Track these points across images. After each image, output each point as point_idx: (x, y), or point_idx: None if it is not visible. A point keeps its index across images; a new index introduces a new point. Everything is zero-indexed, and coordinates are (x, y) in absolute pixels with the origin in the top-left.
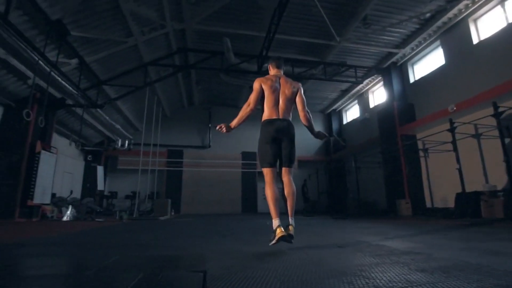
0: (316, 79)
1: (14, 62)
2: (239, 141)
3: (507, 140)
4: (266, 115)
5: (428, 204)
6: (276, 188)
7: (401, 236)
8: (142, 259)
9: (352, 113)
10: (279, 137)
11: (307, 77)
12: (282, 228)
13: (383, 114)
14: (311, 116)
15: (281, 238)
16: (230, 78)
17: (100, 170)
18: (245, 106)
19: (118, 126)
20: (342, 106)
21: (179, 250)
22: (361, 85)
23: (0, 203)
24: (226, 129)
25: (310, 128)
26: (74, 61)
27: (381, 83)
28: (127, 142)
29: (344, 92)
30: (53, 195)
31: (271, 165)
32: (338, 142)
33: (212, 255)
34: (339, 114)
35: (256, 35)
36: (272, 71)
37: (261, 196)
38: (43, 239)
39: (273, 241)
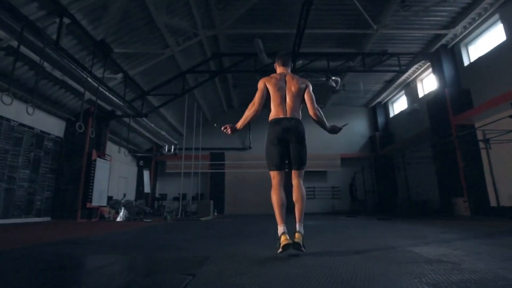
0: (355, 72)
1: (70, 81)
2: None
3: None
4: (272, 115)
5: (493, 203)
6: (282, 193)
7: (440, 241)
8: (145, 260)
9: (399, 105)
10: (286, 138)
11: (345, 70)
12: (287, 236)
13: (433, 104)
14: (321, 113)
15: (286, 246)
16: None
17: (146, 174)
18: (250, 106)
19: (163, 133)
20: (387, 98)
21: (190, 251)
22: (407, 74)
23: (66, 206)
24: (231, 130)
25: (321, 125)
26: (119, 76)
27: (430, 69)
28: (172, 147)
29: (389, 83)
30: (110, 198)
31: (278, 168)
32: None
33: (218, 258)
34: (384, 107)
35: (287, 33)
36: (278, 69)
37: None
38: (90, 237)
39: (279, 249)
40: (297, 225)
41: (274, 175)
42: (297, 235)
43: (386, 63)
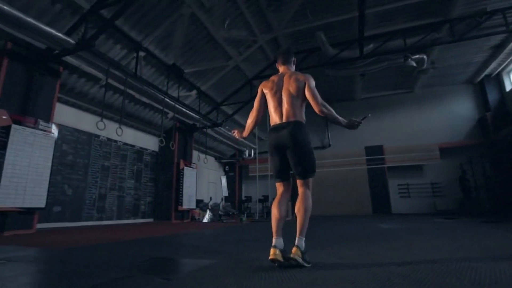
0: (443, 44)
1: (155, 104)
2: (361, 136)
3: None
4: (271, 121)
5: None
6: (281, 207)
7: None
8: (156, 260)
9: None
10: (282, 145)
11: (428, 45)
12: (276, 250)
13: None
14: (329, 108)
15: (271, 261)
16: (336, 71)
17: (223, 179)
18: (250, 114)
19: (241, 139)
20: (500, 68)
21: (210, 254)
22: None
23: (163, 209)
24: (239, 135)
25: (333, 121)
26: (194, 92)
27: None
28: (252, 151)
29: (497, 48)
30: (200, 201)
31: (279, 178)
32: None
33: (224, 261)
34: (497, 80)
35: (348, 18)
36: (280, 69)
37: (395, 194)
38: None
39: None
40: (296, 239)
41: (277, 186)
42: (294, 249)
43: (486, 25)
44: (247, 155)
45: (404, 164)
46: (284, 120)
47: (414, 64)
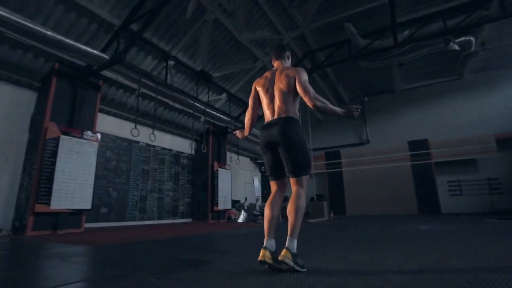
0: (493, 22)
1: (187, 109)
2: (403, 129)
3: None
4: (265, 119)
5: None
6: (273, 206)
7: None
8: (167, 260)
9: None
10: (273, 142)
11: (474, 24)
12: (266, 251)
13: None
14: (323, 100)
15: (260, 262)
16: (370, 62)
17: (256, 179)
18: (246, 112)
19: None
20: None
21: (216, 254)
22: None
23: (200, 209)
24: (240, 135)
25: (329, 113)
26: (224, 95)
27: None
28: None
29: None
30: (236, 201)
31: (271, 177)
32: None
33: (224, 262)
34: None
35: (377, 5)
36: (274, 65)
37: (444, 192)
38: (202, 234)
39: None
40: (287, 240)
41: (271, 185)
42: (283, 251)
43: None
44: None
45: (454, 159)
46: (275, 116)
47: (457, 48)
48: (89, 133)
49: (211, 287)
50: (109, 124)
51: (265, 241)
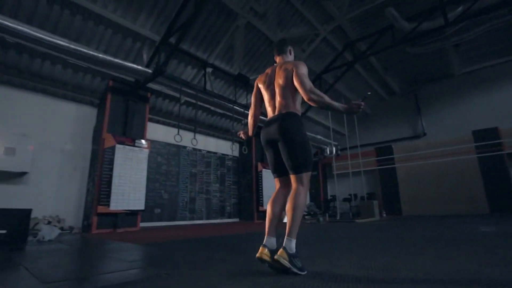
0: None
1: (229, 113)
2: (466, 118)
3: None
4: (267, 116)
5: None
6: (274, 204)
7: None
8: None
9: None
10: (273, 139)
11: None
12: (265, 249)
13: None
14: (320, 94)
15: (258, 259)
16: (420, 47)
17: None
18: (249, 110)
19: (319, 137)
20: None
21: (243, 255)
22: None
23: (246, 210)
24: (244, 136)
25: (328, 108)
26: None
27: None
28: (334, 148)
29: None
30: None
31: (274, 174)
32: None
33: (237, 265)
34: None
35: None
36: (276, 60)
37: None
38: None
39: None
40: (285, 240)
41: (275, 183)
42: (279, 251)
43: None
44: (328, 152)
45: None
46: (276, 113)
47: None
48: (140, 141)
49: (202, 286)
50: (159, 132)
51: (265, 238)
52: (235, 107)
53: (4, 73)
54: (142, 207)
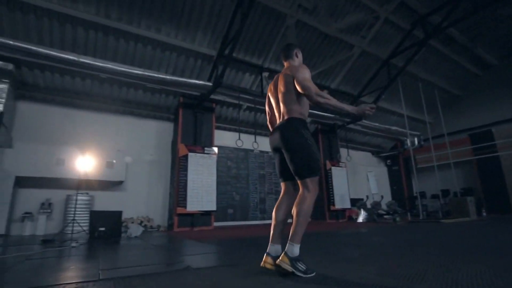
0: None
1: None
2: None
3: None
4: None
5: None
6: (278, 209)
7: None
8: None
9: None
10: (277, 146)
11: None
12: (268, 257)
13: None
14: (326, 96)
15: (262, 268)
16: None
17: (370, 176)
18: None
19: (395, 128)
20: None
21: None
22: None
23: (317, 209)
24: None
25: (336, 110)
26: (325, 92)
27: None
28: (415, 139)
29: None
30: (358, 200)
31: (280, 178)
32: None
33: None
34: None
35: None
36: (285, 65)
37: None
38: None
39: None
40: (287, 245)
41: (282, 187)
42: (281, 256)
43: None
44: (409, 144)
45: None
46: (280, 120)
47: None
48: (209, 148)
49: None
50: (226, 138)
51: (268, 246)
52: None
53: (102, 102)
54: (214, 208)
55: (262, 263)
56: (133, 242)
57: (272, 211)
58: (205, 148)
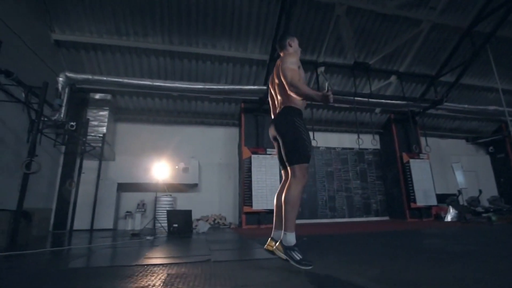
0: None
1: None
2: None
3: None
4: None
5: None
6: (278, 196)
7: None
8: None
9: None
10: (274, 136)
11: None
12: (272, 242)
13: None
14: (297, 84)
15: (265, 250)
16: None
17: (455, 167)
18: None
19: (492, 108)
20: None
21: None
22: None
23: (395, 207)
24: None
25: (309, 99)
26: (393, 78)
27: None
28: None
29: None
30: (449, 195)
31: (281, 166)
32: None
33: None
34: None
35: None
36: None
37: None
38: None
39: None
40: (282, 234)
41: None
42: (277, 244)
43: None
44: None
45: None
46: (277, 110)
47: None
48: (270, 149)
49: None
50: None
51: (272, 231)
52: (356, 98)
53: (177, 116)
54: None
55: (266, 245)
56: (199, 237)
57: (342, 209)
58: (267, 149)
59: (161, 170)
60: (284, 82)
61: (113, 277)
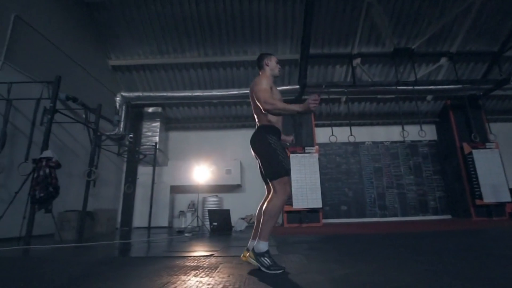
0: None
1: (405, 95)
2: None
3: None
4: None
5: None
6: (259, 210)
7: None
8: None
9: None
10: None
11: None
12: (246, 252)
13: None
14: (272, 101)
15: (242, 260)
16: None
17: None
18: None
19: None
20: None
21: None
22: None
23: (458, 204)
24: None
25: (286, 113)
26: (444, 60)
27: None
28: None
29: None
30: None
31: (263, 181)
32: None
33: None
34: None
35: None
36: None
37: None
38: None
39: None
40: (255, 242)
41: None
42: (249, 252)
43: None
44: None
45: None
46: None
47: None
48: (309, 147)
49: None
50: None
51: (249, 241)
52: (399, 87)
53: (219, 122)
54: (319, 205)
55: (241, 256)
56: (235, 235)
57: (394, 207)
58: (306, 148)
59: (207, 172)
60: (258, 104)
61: (142, 265)
